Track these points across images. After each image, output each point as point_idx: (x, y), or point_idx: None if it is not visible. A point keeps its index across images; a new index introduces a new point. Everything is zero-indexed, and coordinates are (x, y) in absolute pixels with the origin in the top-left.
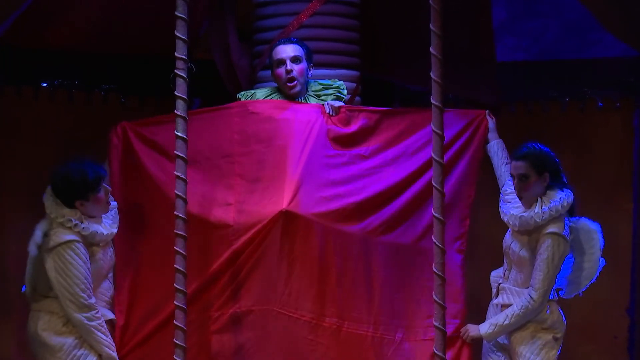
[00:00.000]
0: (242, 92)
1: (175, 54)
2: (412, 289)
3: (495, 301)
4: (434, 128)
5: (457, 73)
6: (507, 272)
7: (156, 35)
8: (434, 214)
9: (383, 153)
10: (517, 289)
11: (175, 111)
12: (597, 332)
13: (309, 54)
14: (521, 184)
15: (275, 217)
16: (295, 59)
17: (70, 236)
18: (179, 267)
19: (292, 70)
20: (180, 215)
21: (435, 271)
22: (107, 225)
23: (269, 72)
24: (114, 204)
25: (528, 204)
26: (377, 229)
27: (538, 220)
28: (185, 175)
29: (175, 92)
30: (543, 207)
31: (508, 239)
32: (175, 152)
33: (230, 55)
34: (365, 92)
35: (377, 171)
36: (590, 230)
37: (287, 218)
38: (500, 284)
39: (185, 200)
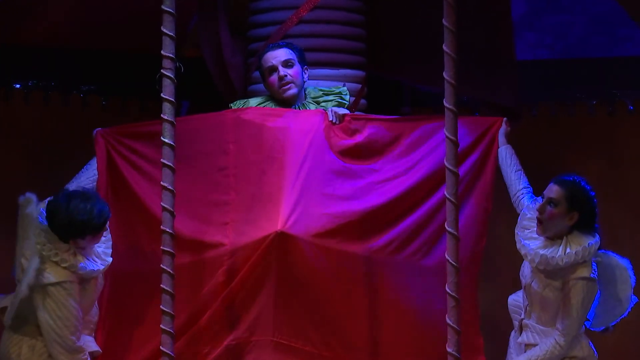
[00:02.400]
0: (235, 102)
1: (162, 51)
2: (425, 314)
3: (519, 340)
4: (447, 134)
5: (472, 73)
6: (528, 308)
7: (140, 30)
8: (448, 228)
9: (391, 166)
10: (541, 327)
11: (162, 115)
12: (631, 358)
13: (302, 56)
14: (547, 208)
15: (269, 239)
16: (287, 63)
17: (64, 276)
18: (166, 288)
19: (285, 76)
20: (167, 230)
21: (449, 291)
22: (100, 254)
23: None
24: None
25: (546, 234)
26: (384, 248)
27: (560, 264)
28: (173, 186)
29: (162, 94)
30: (568, 249)
31: (527, 275)
32: (162, 159)
33: (222, 52)
34: (372, 93)
35: (384, 186)
36: (620, 266)
37: (282, 240)
38: (522, 319)
39: (172, 214)
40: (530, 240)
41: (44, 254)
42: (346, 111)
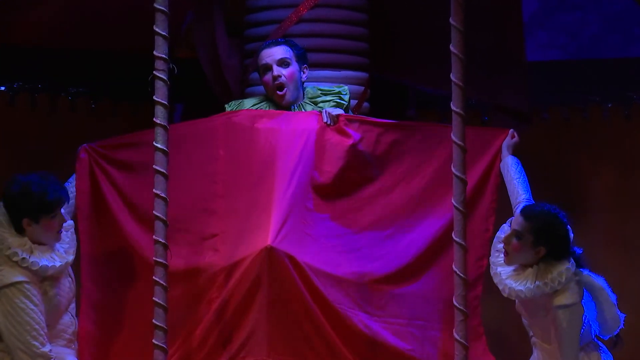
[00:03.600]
0: (230, 102)
1: (154, 52)
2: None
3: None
4: (455, 139)
5: (481, 74)
6: (530, 328)
7: (132, 30)
8: (455, 238)
9: (386, 176)
10: (547, 346)
11: (154, 119)
12: None
13: (301, 54)
14: (512, 241)
15: (259, 254)
16: (282, 62)
17: (19, 277)
18: (158, 300)
19: (279, 76)
20: (160, 239)
21: (457, 305)
22: (62, 253)
23: None
24: (70, 222)
25: (512, 265)
26: (378, 277)
27: (529, 296)
28: (166, 194)
29: (154, 97)
30: (537, 281)
31: (516, 300)
32: (154, 166)
33: (217, 53)
34: (375, 96)
35: (378, 199)
36: (596, 287)
37: (272, 255)
38: (532, 336)
39: (165, 223)
40: (502, 267)
41: None
42: (340, 111)
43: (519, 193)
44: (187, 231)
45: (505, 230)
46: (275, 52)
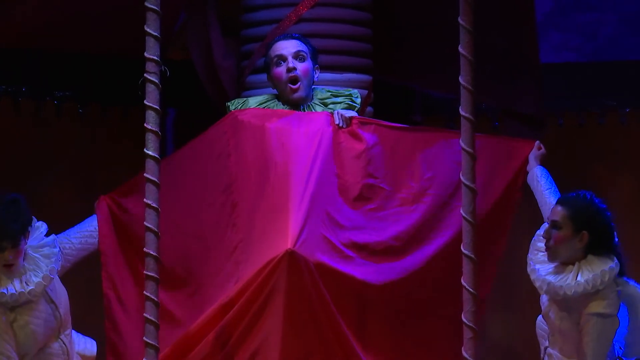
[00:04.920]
0: (233, 101)
1: (145, 53)
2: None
3: None
4: (463, 145)
5: (491, 77)
6: (550, 337)
7: (121, 30)
8: (464, 251)
9: (403, 185)
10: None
11: (145, 124)
12: None
13: (315, 53)
14: (552, 233)
15: (279, 259)
16: (298, 55)
17: None
18: (149, 317)
19: (294, 68)
20: (151, 252)
21: (466, 321)
22: (30, 278)
23: (260, 77)
24: (54, 250)
25: (557, 261)
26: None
27: (569, 294)
28: (157, 203)
29: (145, 101)
30: (579, 277)
31: (545, 303)
32: (144, 174)
33: (212, 54)
34: (379, 100)
35: (395, 209)
36: (637, 300)
37: (293, 260)
38: (547, 347)
39: (157, 235)
40: (541, 264)
41: None
42: (353, 113)
43: (551, 204)
44: (215, 248)
45: (540, 234)
46: (291, 45)
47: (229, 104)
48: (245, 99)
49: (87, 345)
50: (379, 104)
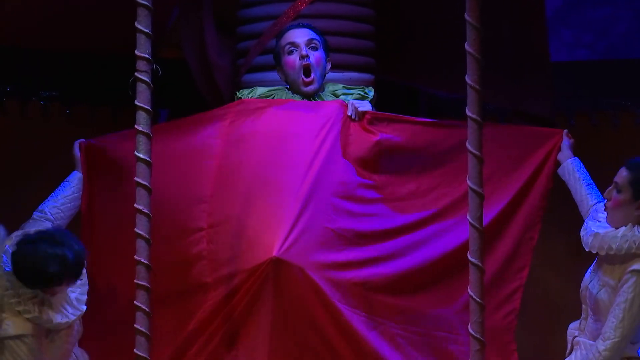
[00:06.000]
0: (242, 90)
1: (136, 51)
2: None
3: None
4: (470, 148)
5: (499, 76)
6: (583, 321)
7: (111, 27)
8: (471, 259)
9: (417, 183)
10: (591, 342)
11: (136, 125)
12: None
13: (327, 45)
14: (613, 194)
15: (263, 265)
16: (311, 43)
17: (26, 330)
18: (140, 328)
19: (307, 56)
20: (142, 260)
21: (472, 333)
22: (74, 302)
23: (256, 76)
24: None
25: (613, 224)
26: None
27: (614, 247)
28: (149, 209)
29: (136, 101)
30: (628, 232)
31: (587, 278)
32: (135, 178)
33: (206, 52)
34: (382, 100)
35: (405, 207)
36: None
37: (277, 268)
38: (575, 337)
39: (148, 242)
40: (597, 227)
41: (5, 301)
42: (368, 107)
43: (588, 198)
44: (174, 224)
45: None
46: (304, 33)
47: (237, 93)
48: (253, 88)
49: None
50: (382, 104)
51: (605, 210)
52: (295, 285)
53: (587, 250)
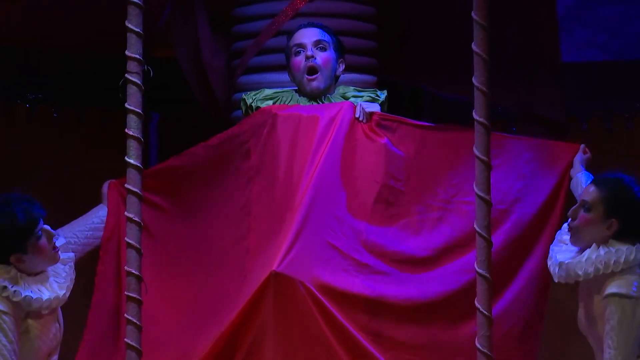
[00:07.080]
0: (248, 93)
1: (127, 51)
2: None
3: None
4: (477, 153)
5: (509, 78)
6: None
7: (100, 26)
8: (478, 269)
9: (427, 192)
10: None
11: (127, 130)
12: None
13: (339, 45)
14: (580, 213)
15: (265, 281)
16: (319, 44)
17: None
18: (130, 342)
19: (313, 57)
20: (133, 271)
21: (479, 347)
22: (54, 287)
23: (253, 77)
24: (70, 255)
25: (578, 244)
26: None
27: (580, 273)
28: (140, 217)
29: (126, 104)
30: (593, 254)
31: (579, 314)
32: (125, 185)
33: (200, 53)
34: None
35: (413, 219)
36: None
37: (278, 283)
38: None
39: (139, 252)
40: (562, 253)
41: None
42: (377, 108)
43: None
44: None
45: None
46: (313, 33)
47: (244, 96)
48: (260, 89)
49: None
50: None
51: (569, 230)
52: (297, 300)
53: (555, 281)
